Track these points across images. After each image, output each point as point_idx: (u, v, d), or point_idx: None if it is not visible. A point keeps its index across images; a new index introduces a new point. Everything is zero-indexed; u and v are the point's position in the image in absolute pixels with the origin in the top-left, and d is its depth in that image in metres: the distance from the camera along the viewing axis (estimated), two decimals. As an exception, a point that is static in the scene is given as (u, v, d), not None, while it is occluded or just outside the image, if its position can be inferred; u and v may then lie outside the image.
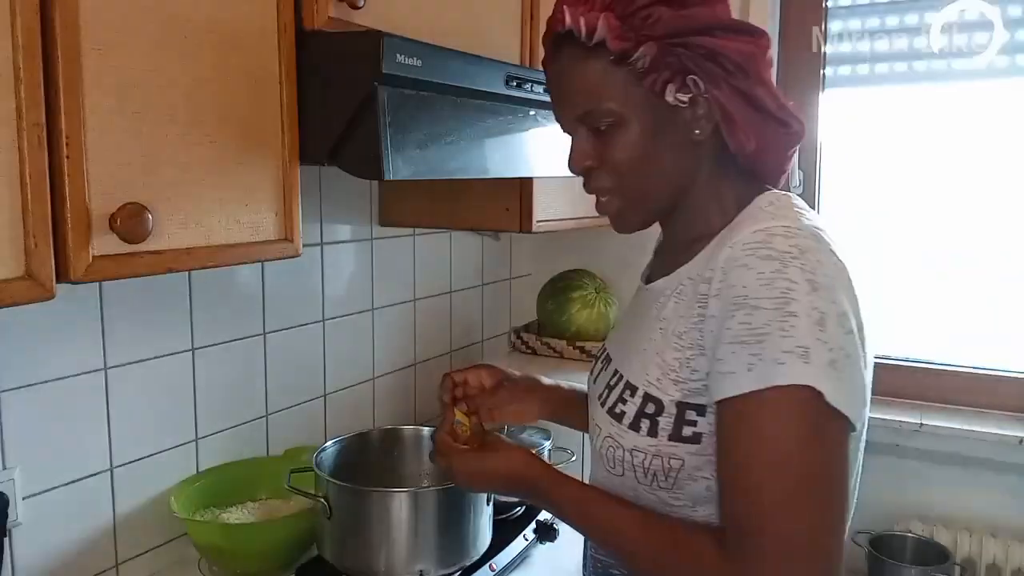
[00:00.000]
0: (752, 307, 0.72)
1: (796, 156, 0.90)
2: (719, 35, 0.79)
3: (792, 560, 0.70)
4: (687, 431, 0.79)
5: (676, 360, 0.80)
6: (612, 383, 0.89)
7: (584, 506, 0.86)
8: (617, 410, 0.85)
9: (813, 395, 0.70)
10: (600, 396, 0.91)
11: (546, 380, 1.17)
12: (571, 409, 1.13)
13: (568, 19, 0.81)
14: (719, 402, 0.75)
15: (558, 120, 0.89)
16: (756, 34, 0.82)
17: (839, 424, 0.72)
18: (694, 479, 0.80)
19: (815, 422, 0.71)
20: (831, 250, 0.76)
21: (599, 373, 0.96)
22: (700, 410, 0.79)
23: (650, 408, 0.82)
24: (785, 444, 0.71)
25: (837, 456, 0.73)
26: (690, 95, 0.80)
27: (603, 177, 0.86)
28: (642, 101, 0.81)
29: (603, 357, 0.99)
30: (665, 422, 0.80)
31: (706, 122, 0.82)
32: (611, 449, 0.86)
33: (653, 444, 0.81)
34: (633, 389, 0.84)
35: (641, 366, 0.85)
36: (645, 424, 0.82)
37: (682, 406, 0.79)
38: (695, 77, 0.80)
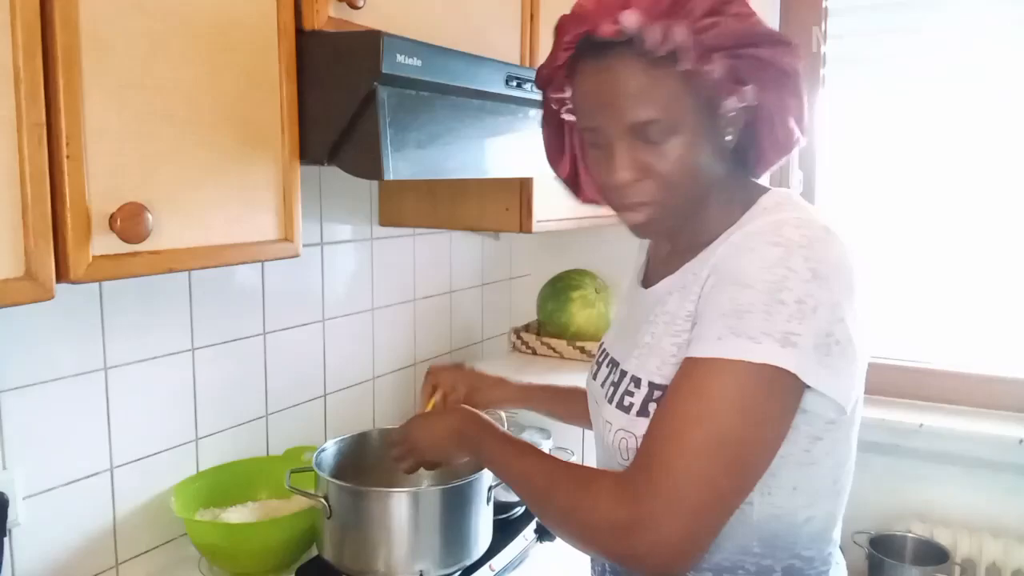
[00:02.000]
0: (744, 285, 0.75)
1: (795, 153, 0.93)
2: (770, 46, 0.80)
3: (677, 507, 0.74)
4: None
5: (674, 345, 0.83)
6: (617, 380, 0.91)
7: (506, 457, 0.93)
8: (625, 403, 0.87)
9: (777, 377, 0.73)
10: (607, 395, 0.92)
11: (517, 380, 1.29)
12: (548, 396, 1.26)
13: (634, 25, 0.76)
14: (683, 362, 0.79)
15: (595, 129, 0.84)
16: (794, 46, 0.82)
17: (791, 407, 0.76)
18: None
19: (765, 401, 0.75)
20: (839, 242, 0.79)
21: (605, 376, 0.97)
22: None
23: (656, 395, 0.84)
24: (720, 407, 0.74)
25: (771, 434, 0.77)
26: (744, 104, 0.81)
27: (647, 189, 0.83)
28: (692, 110, 0.80)
29: (605, 360, 1.00)
30: None
31: (734, 128, 0.83)
32: (624, 440, 0.86)
33: None
34: (638, 381, 0.87)
35: (644, 359, 0.87)
36: (652, 409, 0.83)
37: None
38: (751, 87, 0.80)
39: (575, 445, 1.59)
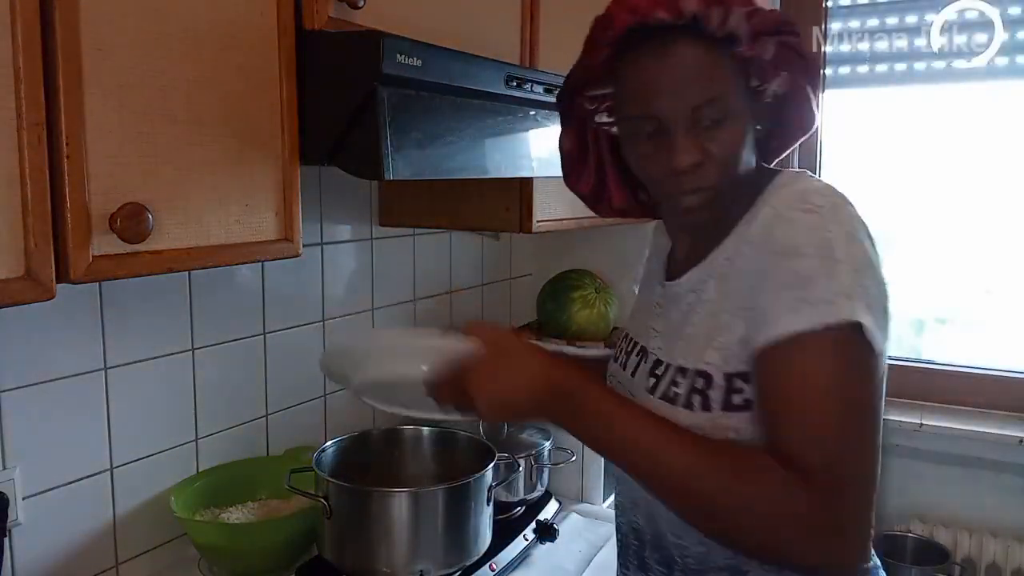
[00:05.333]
0: (795, 255, 0.76)
1: (795, 153, 0.97)
2: (794, 34, 0.84)
3: (850, 483, 0.73)
4: (737, 399, 0.80)
5: (718, 330, 0.82)
6: (660, 372, 0.89)
7: (622, 423, 0.78)
8: (670, 394, 0.86)
9: (858, 333, 0.73)
10: (646, 386, 0.91)
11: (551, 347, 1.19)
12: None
13: (694, 7, 0.78)
14: (761, 349, 0.76)
15: (653, 117, 0.83)
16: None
17: (876, 360, 0.76)
18: None
19: (860, 357, 0.74)
20: (856, 208, 0.82)
21: (635, 365, 0.96)
22: (746, 377, 0.80)
23: (700, 383, 0.83)
24: (836, 376, 0.74)
25: (877, 390, 0.77)
26: (782, 90, 0.86)
27: (708, 173, 0.83)
28: (741, 96, 0.83)
29: (634, 350, 0.99)
30: (716, 394, 0.81)
31: (766, 116, 0.88)
32: None
33: (708, 417, 0.81)
34: (683, 371, 0.85)
35: (687, 348, 0.86)
36: (697, 399, 0.82)
37: (729, 376, 0.81)
38: (787, 72, 0.85)
39: (575, 444, 1.59)
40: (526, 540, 1.44)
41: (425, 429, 1.45)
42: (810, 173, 0.89)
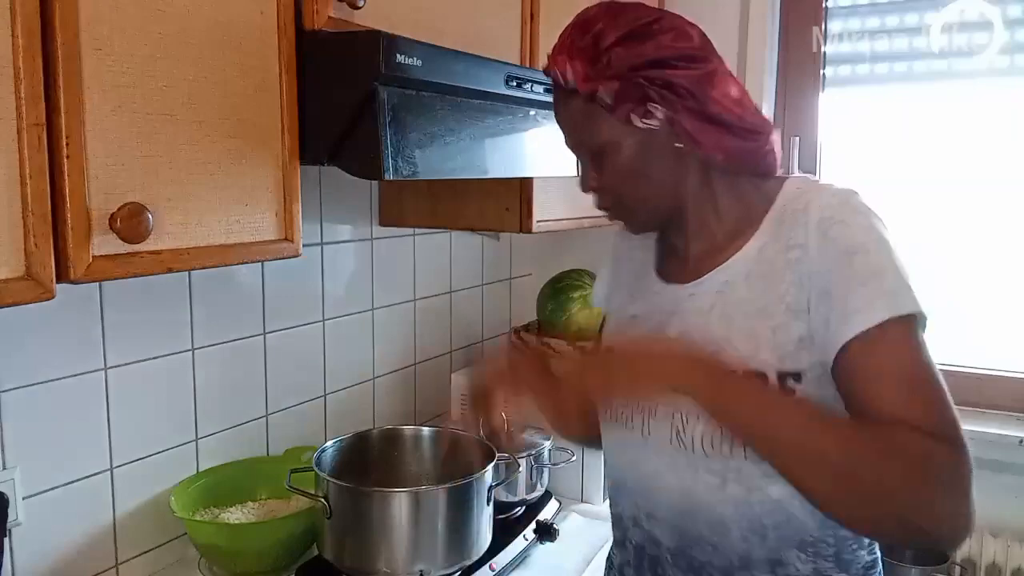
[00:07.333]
0: (862, 252, 0.82)
1: (795, 153, 0.96)
2: (669, 66, 0.88)
3: (965, 445, 0.79)
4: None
5: (769, 329, 0.85)
6: None
7: (767, 404, 0.83)
8: None
9: (920, 317, 0.82)
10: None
11: None
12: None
13: (550, 67, 0.92)
14: (849, 341, 0.80)
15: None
16: (701, 59, 0.90)
17: None
18: None
19: (923, 338, 0.83)
20: None
21: None
22: (798, 376, 0.84)
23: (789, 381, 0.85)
24: (925, 355, 0.82)
25: None
26: (656, 119, 0.89)
27: (605, 196, 0.96)
28: (621, 128, 0.90)
29: None
30: None
31: (681, 137, 0.91)
32: (713, 436, 0.87)
33: None
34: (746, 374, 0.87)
35: (731, 348, 0.87)
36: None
37: (783, 375, 0.84)
38: (655, 104, 0.88)
39: (575, 444, 1.59)
40: (526, 540, 1.44)
41: (425, 429, 1.45)
42: (812, 177, 0.91)
